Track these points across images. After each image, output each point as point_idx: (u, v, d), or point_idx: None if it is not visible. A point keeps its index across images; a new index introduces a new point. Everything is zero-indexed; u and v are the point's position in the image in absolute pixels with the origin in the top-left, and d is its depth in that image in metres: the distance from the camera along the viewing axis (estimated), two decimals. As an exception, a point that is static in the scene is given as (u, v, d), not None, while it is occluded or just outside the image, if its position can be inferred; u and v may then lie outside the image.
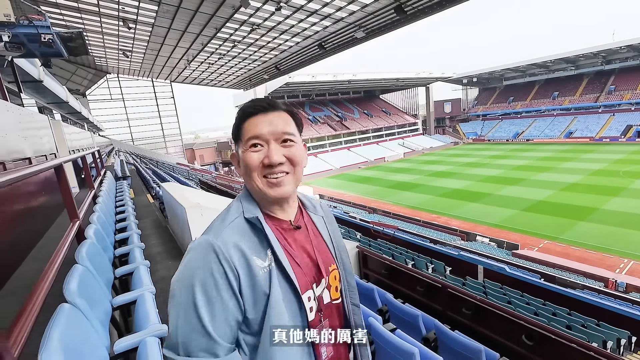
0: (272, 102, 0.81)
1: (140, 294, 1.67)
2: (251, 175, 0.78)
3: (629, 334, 4.98)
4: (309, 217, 0.91)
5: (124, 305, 1.70)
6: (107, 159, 15.98)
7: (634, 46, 41.98)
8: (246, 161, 0.78)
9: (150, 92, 38.96)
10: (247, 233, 0.75)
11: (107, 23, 17.51)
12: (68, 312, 1.05)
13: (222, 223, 0.75)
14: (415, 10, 15.21)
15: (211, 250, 0.68)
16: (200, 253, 0.69)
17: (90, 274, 1.46)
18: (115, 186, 6.38)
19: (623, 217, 16.77)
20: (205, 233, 0.74)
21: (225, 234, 0.72)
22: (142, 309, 1.52)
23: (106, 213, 3.18)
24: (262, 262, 0.73)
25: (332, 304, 0.84)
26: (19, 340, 0.82)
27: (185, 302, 0.66)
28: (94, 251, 1.78)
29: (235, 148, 0.85)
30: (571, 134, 44.80)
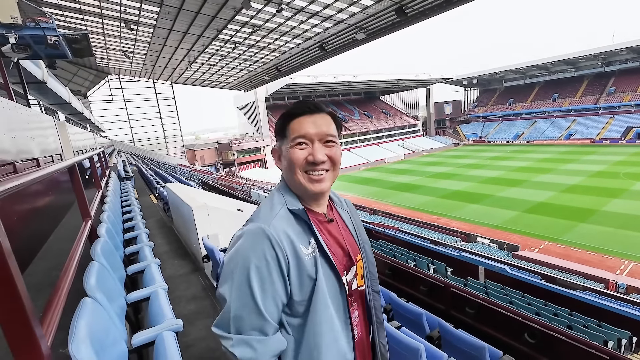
0: (317, 104, 0.88)
1: (153, 290, 1.71)
2: (295, 170, 0.84)
3: (629, 334, 5.01)
4: (337, 212, 0.99)
5: (134, 302, 1.74)
6: (110, 159, 16.02)
7: (633, 48, 42.07)
8: (291, 157, 0.84)
9: (151, 93, 39.06)
10: (292, 223, 0.81)
11: (108, 24, 17.58)
12: (90, 305, 1.10)
13: (271, 212, 0.81)
14: (415, 12, 15.28)
15: (265, 236, 0.73)
16: (254, 238, 0.74)
17: (106, 270, 1.50)
18: (120, 186, 6.42)
19: (623, 218, 16.79)
20: (254, 220, 0.79)
21: (276, 222, 0.77)
22: (157, 304, 1.56)
23: (114, 212, 3.22)
24: (307, 249, 0.79)
25: (358, 290, 0.92)
26: (50, 330, 0.87)
27: (240, 283, 0.71)
28: (108, 249, 1.82)
29: (278, 144, 0.91)
30: (571, 135, 44.84)
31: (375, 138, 54.85)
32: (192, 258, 3.59)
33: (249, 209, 4.48)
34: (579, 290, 8.12)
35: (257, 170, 44.53)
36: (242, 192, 17.68)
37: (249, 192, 18.52)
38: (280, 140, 0.90)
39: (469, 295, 2.99)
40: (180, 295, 2.79)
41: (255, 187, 23.30)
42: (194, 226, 3.22)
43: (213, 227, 3.29)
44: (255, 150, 46.48)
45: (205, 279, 3.07)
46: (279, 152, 0.90)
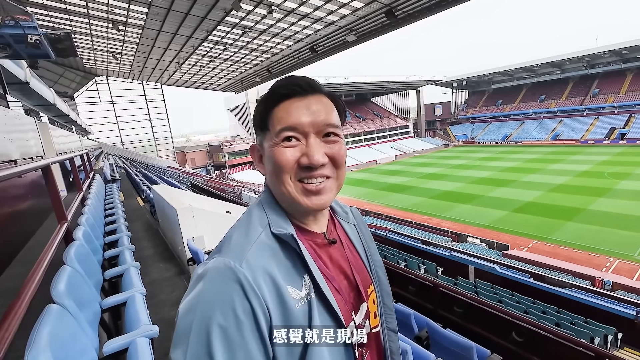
0: (311, 81, 0.64)
1: (130, 295, 1.65)
2: (281, 177, 0.61)
3: (615, 331, 5.10)
4: (341, 227, 0.75)
5: (114, 307, 1.68)
6: (96, 162, 15.72)
7: (615, 51, 43.30)
8: (276, 159, 0.60)
9: (140, 95, 38.54)
10: (278, 254, 0.58)
11: (96, 25, 17.29)
12: (56, 312, 1.04)
13: (247, 238, 0.57)
14: (405, 15, 15.40)
15: (234, 280, 0.51)
16: (218, 283, 0.51)
17: (79, 275, 1.44)
18: (105, 189, 6.28)
19: (609, 217, 17.17)
20: (222, 252, 0.56)
21: (252, 256, 0.54)
22: (133, 309, 1.50)
23: (95, 215, 3.13)
24: (298, 292, 0.56)
25: (372, 333, 0.68)
26: (4, 341, 0.81)
27: (198, 351, 0.48)
28: (83, 253, 1.75)
29: (259, 140, 0.66)
30: (558, 136, 45.79)
31: (367, 139, 55.13)
32: (178, 261, 3.51)
33: (238, 210, 4.42)
34: (566, 288, 8.25)
35: (249, 172, 44.28)
36: (233, 194, 17.53)
37: (240, 194, 18.37)
38: (260, 135, 0.65)
39: (457, 295, 2.99)
40: (164, 299, 2.71)
41: (247, 189, 23.14)
42: (179, 228, 3.15)
43: (198, 229, 3.22)
44: (246, 152, 46.12)
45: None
46: (260, 151, 0.66)
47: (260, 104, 0.66)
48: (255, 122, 0.67)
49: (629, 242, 14.24)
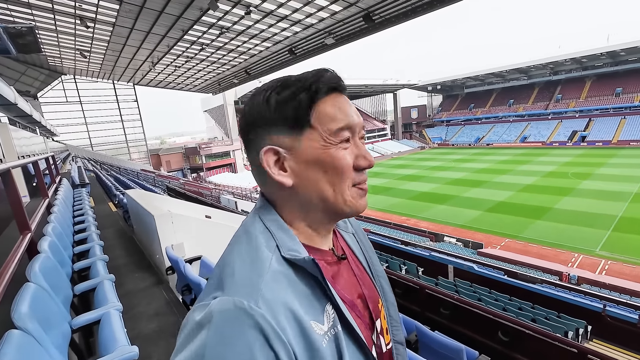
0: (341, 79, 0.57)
1: (104, 312, 1.51)
2: (342, 184, 0.53)
3: (585, 324, 5.36)
4: (342, 238, 0.68)
5: (86, 325, 1.53)
6: (63, 165, 14.82)
7: (576, 59, 46.31)
8: (338, 162, 0.52)
9: (111, 95, 36.84)
10: (294, 283, 0.48)
11: (61, 21, 16.35)
12: (18, 339, 0.91)
13: (255, 267, 0.47)
14: (382, 19, 15.67)
15: (252, 325, 0.40)
16: (231, 332, 0.39)
17: (44, 292, 1.29)
18: (73, 194, 5.89)
19: (573, 215, 18.21)
20: (227, 288, 0.45)
21: (268, 290, 0.44)
22: (108, 329, 1.36)
23: (63, 224, 2.90)
24: (321, 326, 0.47)
25: (386, 352, 0.63)
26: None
27: None
28: (49, 266, 1.59)
29: (286, 140, 0.53)
30: (526, 138, 48.20)
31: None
32: (155, 270, 3.32)
33: (218, 215, 4.27)
34: (537, 283, 8.62)
35: (227, 174, 43.40)
36: (211, 198, 17.07)
37: (219, 197, 17.91)
38: (285, 133, 0.53)
39: (443, 296, 3.02)
40: (141, 312, 2.54)
41: (225, 192, 22.62)
42: (157, 236, 2.98)
43: (178, 236, 3.06)
44: (224, 155, 45.32)
45: (169, 293, 2.83)
46: (283, 156, 0.53)
47: (291, 96, 0.52)
48: (273, 118, 0.52)
49: (591, 239, 15.16)
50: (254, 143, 0.55)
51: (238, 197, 19.41)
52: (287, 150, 0.53)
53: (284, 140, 0.53)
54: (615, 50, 42.05)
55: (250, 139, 0.55)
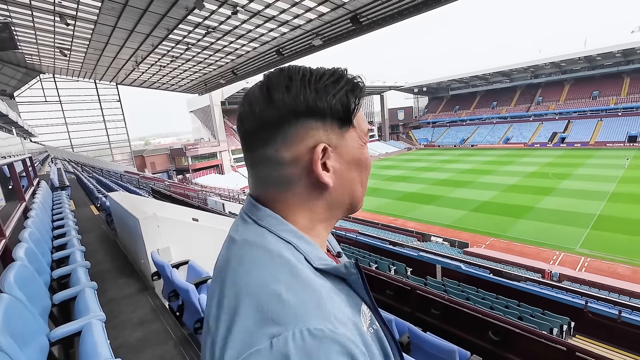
0: None
1: (86, 323, 1.42)
2: (365, 182, 0.55)
3: (568, 320, 5.51)
4: None
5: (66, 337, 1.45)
6: (42, 167, 14.28)
7: (555, 63, 47.92)
8: (369, 161, 0.54)
9: (93, 95, 35.77)
10: (338, 294, 0.44)
11: (40, 17, 15.77)
12: (-9, 355, 0.84)
13: (306, 287, 0.41)
14: (370, 22, 15.79)
15: (339, 352, 0.35)
16: None
17: (19, 304, 1.21)
18: (52, 197, 5.66)
19: (554, 214, 18.78)
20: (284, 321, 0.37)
21: (336, 309, 0.39)
22: (89, 341, 1.29)
23: (41, 229, 2.76)
24: (364, 326, 0.44)
25: None
26: None
27: None
28: (26, 275, 1.49)
29: (333, 138, 0.50)
30: (508, 140, 49.50)
31: (334, 143, 55.75)
32: (140, 276, 3.21)
33: (205, 218, 4.17)
34: (522, 281, 8.82)
35: (214, 176, 42.80)
36: (198, 200, 16.77)
37: (205, 199, 17.62)
38: (334, 130, 0.50)
39: (433, 297, 3.04)
40: (125, 320, 2.45)
41: (212, 194, 22.28)
42: (142, 240, 2.88)
43: (164, 240, 2.97)
44: (211, 156, 44.67)
45: (154, 299, 2.74)
46: (330, 154, 0.50)
47: (348, 92, 0.50)
48: (323, 111, 0.48)
49: (571, 237, 15.66)
50: (293, 136, 0.48)
51: (225, 199, 19.15)
52: (333, 148, 0.50)
53: (332, 137, 0.50)
54: (591, 55, 43.74)
55: (285, 131, 0.48)
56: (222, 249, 0.52)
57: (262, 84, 0.51)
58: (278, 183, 0.50)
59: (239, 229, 0.51)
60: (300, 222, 0.51)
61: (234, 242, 0.50)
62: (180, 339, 2.15)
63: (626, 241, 14.63)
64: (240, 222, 0.53)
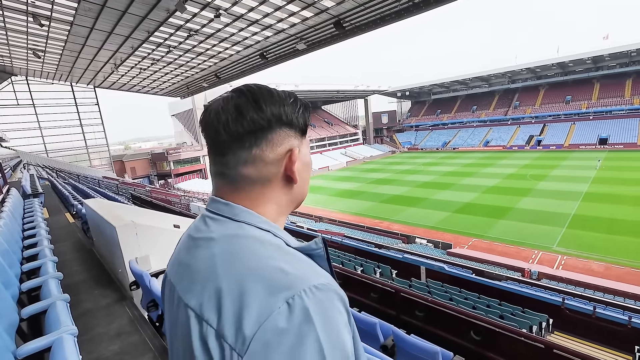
0: None
1: (56, 338, 1.35)
2: (308, 178, 0.66)
3: (547, 317, 5.69)
4: None
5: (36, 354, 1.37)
6: (13, 173, 13.63)
7: (531, 69, 49.96)
8: (310, 162, 0.67)
9: (69, 98, 34.50)
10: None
11: (11, 17, 15.12)
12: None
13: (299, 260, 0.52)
14: (353, 27, 16.00)
15: (337, 298, 0.47)
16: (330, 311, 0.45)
17: (-17, 320, 1.13)
18: (24, 205, 5.39)
19: (532, 214, 19.44)
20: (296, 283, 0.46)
21: (323, 272, 0.52)
22: (60, 357, 1.22)
23: (9, 239, 2.62)
24: None
25: None
26: None
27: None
28: (-9, 289, 1.41)
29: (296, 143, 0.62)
30: (488, 143, 51.01)
31: (319, 146, 55.98)
32: (117, 285, 3.10)
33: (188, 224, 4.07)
34: (503, 280, 9.06)
35: (197, 181, 42.01)
36: (180, 206, 16.40)
37: (188, 205, 17.25)
38: (297, 138, 0.62)
39: (417, 299, 3.07)
40: (101, 333, 2.34)
41: (195, 199, 21.84)
42: (119, 248, 2.78)
43: (143, 249, 2.87)
44: (193, 160, 43.89)
45: (133, 309, 2.64)
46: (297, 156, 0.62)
47: (303, 108, 0.64)
48: (294, 123, 0.61)
49: (549, 236, 16.24)
50: (276, 140, 0.59)
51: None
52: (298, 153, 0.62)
53: (296, 142, 0.62)
54: (564, 61, 45.82)
55: (270, 135, 0.58)
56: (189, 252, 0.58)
57: (244, 93, 0.59)
58: (259, 180, 0.59)
59: (210, 228, 0.57)
60: (268, 214, 0.60)
61: (211, 240, 0.55)
62: (159, 350, 2.08)
63: (600, 239, 15.30)
64: (209, 221, 0.59)
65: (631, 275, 11.89)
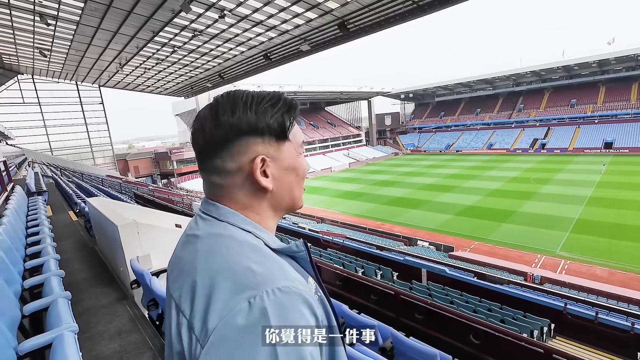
0: None
1: (57, 335, 1.37)
2: (301, 184, 0.67)
3: (548, 322, 5.65)
4: None
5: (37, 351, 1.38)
6: (17, 171, 13.76)
7: (535, 72, 49.69)
8: (304, 167, 0.67)
9: (74, 97, 34.80)
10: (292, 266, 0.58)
11: (18, 17, 15.29)
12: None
13: (271, 261, 0.53)
14: (357, 28, 16.03)
15: (302, 301, 0.48)
16: (291, 313, 0.46)
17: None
18: (28, 203, 5.45)
19: (535, 218, 19.31)
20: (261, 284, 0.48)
21: (294, 274, 0.53)
22: (60, 353, 1.23)
23: (13, 236, 2.65)
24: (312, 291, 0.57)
25: None
26: None
27: None
28: (-7, 286, 1.43)
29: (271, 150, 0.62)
30: (492, 145, 50.78)
31: (322, 147, 55.95)
32: (119, 284, 3.12)
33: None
34: (505, 284, 9.00)
35: (200, 180, 41.99)
36: (183, 205, 16.46)
37: (190, 204, 17.31)
38: (272, 144, 0.62)
39: (417, 301, 3.06)
40: (101, 331, 2.36)
41: (197, 199, 21.92)
42: (120, 247, 2.80)
43: (144, 248, 2.89)
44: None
45: (134, 308, 2.66)
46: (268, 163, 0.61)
47: (279, 112, 0.62)
48: (262, 129, 0.60)
49: (552, 240, 16.12)
50: (236, 150, 0.60)
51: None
52: (271, 159, 0.62)
53: (270, 149, 0.62)
54: (569, 64, 45.56)
55: (230, 146, 0.60)
56: (182, 247, 0.62)
57: (211, 106, 0.62)
58: (229, 187, 0.62)
59: (199, 226, 0.62)
60: (252, 217, 0.62)
61: (197, 237, 0.59)
62: (159, 349, 2.10)
63: (603, 244, 15.16)
64: (199, 220, 0.63)
65: (636, 281, 11.77)
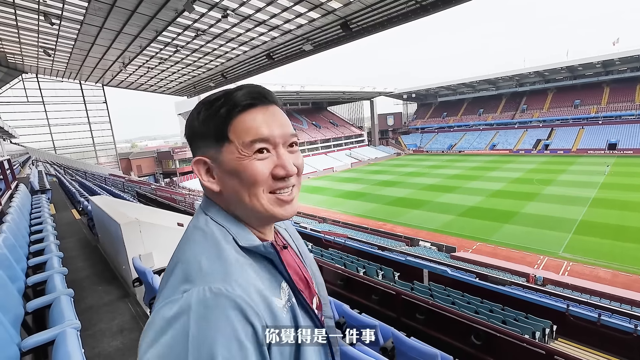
0: (270, 92, 0.63)
1: (59, 332, 1.38)
2: (255, 191, 0.59)
3: (550, 324, 5.63)
4: (279, 234, 0.77)
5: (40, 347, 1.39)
6: (22, 170, 13.85)
7: (539, 72, 49.45)
8: (250, 172, 0.58)
9: (77, 96, 34.99)
10: (255, 268, 0.56)
11: (23, 16, 15.40)
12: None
13: (221, 259, 0.52)
14: (360, 28, 16.02)
15: (232, 307, 0.46)
16: (214, 316, 0.45)
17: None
18: (31, 201, 5.48)
19: (538, 219, 19.21)
20: (196, 280, 0.49)
21: (239, 276, 0.51)
22: (63, 350, 1.24)
23: (16, 234, 2.67)
24: (280, 301, 0.55)
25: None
26: None
27: None
28: (-3, 283, 1.44)
29: (210, 152, 0.60)
30: (494, 146, 50.57)
31: (324, 147, 55.92)
32: (121, 282, 3.14)
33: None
34: (507, 285, 8.97)
35: (202, 180, 42.20)
36: (185, 204, 16.51)
37: (192, 203, 17.36)
38: (212, 146, 0.60)
39: (418, 301, 3.06)
40: (103, 329, 2.38)
41: (199, 198, 21.97)
42: (123, 245, 2.81)
43: (146, 246, 2.91)
44: (200, 159, 44.13)
45: (135, 306, 2.68)
46: (210, 165, 0.61)
47: (214, 112, 0.60)
48: (202, 132, 0.61)
49: (555, 241, 16.03)
50: (194, 151, 0.63)
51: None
52: (213, 161, 0.61)
53: (209, 151, 0.61)
54: (573, 65, 45.30)
55: (191, 147, 0.64)
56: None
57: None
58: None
59: (193, 218, 0.64)
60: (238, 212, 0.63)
61: (187, 227, 0.63)
62: (161, 347, 2.10)
63: (607, 246, 15.06)
64: (196, 213, 0.66)
65: (639, 283, 11.70)
